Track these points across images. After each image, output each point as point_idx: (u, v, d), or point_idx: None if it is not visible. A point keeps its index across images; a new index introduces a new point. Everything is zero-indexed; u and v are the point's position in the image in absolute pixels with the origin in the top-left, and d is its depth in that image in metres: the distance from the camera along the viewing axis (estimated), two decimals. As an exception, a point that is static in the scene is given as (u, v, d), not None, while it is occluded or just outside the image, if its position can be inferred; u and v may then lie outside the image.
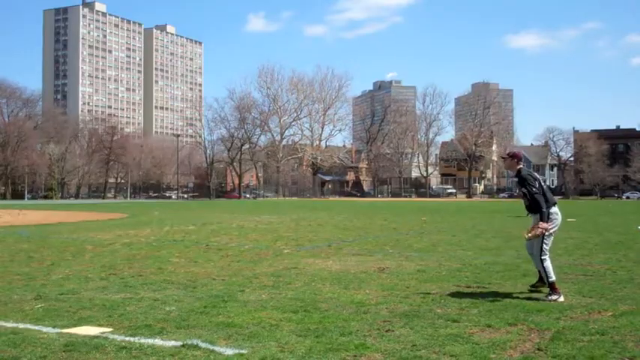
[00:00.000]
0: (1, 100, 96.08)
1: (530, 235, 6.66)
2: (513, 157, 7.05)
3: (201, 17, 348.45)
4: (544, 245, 6.64)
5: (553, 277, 6.53)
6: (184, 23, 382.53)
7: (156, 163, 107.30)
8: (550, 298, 6.40)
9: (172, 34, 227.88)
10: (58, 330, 5.09)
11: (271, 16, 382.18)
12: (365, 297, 6.60)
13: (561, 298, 6.36)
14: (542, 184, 6.75)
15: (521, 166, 6.97)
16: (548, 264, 6.58)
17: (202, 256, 10.79)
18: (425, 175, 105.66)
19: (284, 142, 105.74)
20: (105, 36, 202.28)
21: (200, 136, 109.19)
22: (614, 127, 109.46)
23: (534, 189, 6.60)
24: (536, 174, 6.86)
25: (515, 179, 7.08)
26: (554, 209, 6.73)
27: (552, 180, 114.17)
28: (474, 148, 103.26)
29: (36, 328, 5.18)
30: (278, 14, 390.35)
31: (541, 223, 6.54)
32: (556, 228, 6.82)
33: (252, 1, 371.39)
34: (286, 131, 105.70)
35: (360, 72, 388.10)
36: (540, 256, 6.61)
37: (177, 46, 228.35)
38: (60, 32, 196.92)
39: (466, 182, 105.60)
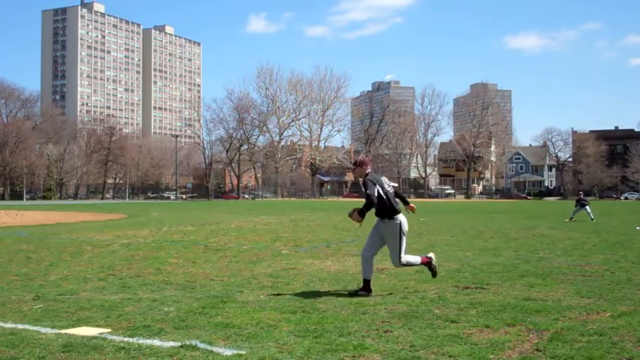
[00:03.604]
0: (0, 100, 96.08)
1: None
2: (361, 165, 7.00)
3: (201, 18, 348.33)
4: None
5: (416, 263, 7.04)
6: (183, 24, 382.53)
7: (154, 164, 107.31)
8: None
9: (171, 34, 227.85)
10: (57, 330, 5.09)
11: (272, 17, 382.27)
12: (363, 298, 6.60)
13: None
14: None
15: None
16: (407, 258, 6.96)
17: (201, 256, 10.78)
18: (423, 175, 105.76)
19: (283, 142, 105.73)
20: (103, 36, 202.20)
21: (199, 137, 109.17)
22: (613, 128, 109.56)
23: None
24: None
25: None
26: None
27: (551, 181, 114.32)
28: (472, 148, 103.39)
29: (34, 328, 5.17)
30: (279, 15, 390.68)
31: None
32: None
33: (253, 1, 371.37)
34: (285, 132, 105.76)
35: (360, 73, 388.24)
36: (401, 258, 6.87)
37: (176, 47, 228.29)
38: (58, 33, 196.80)
39: (465, 183, 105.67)
